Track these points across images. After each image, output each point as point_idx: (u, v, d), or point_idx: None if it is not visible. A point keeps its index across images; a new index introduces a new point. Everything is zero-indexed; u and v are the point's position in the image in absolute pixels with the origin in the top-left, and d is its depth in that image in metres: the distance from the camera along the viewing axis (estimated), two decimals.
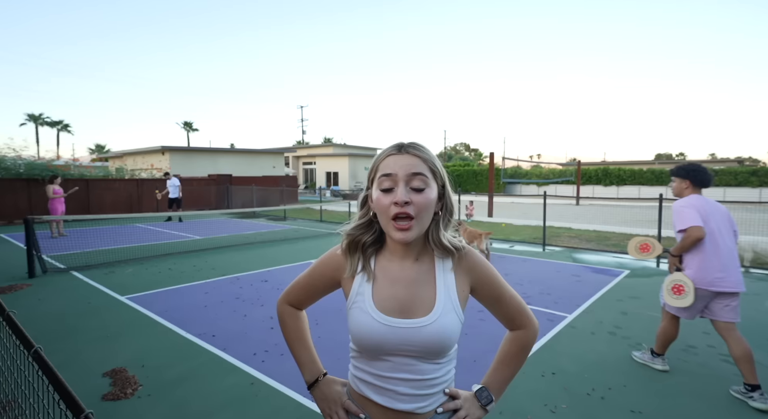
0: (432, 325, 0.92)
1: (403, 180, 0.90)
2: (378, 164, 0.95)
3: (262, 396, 2.84)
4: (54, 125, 49.70)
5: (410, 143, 0.95)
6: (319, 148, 40.85)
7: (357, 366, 1.02)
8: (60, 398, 1.05)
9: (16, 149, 15.07)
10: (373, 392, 0.97)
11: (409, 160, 0.91)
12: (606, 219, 13.91)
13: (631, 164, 34.54)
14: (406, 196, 0.89)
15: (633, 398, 2.81)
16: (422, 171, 0.91)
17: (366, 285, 0.98)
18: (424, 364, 0.94)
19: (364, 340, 0.95)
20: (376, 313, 0.94)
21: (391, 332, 0.92)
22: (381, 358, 0.95)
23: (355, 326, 0.97)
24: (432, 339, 0.92)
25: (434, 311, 0.94)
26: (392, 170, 0.91)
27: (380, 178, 0.92)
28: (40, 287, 5.55)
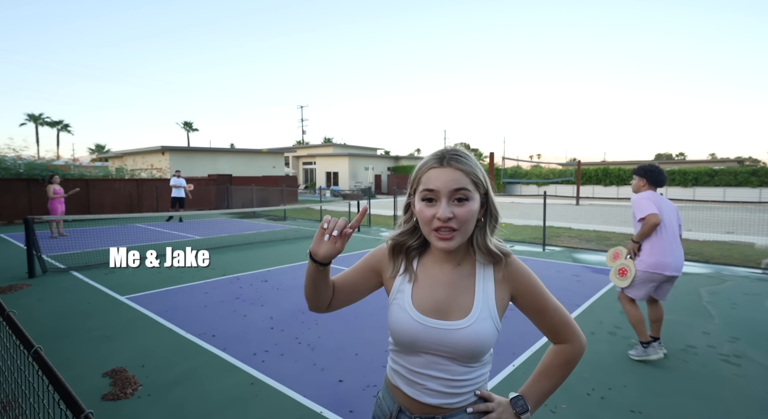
0: (466, 329, 0.94)
1: (445, 196, 0.92)
2: (420, 175, 0.96)
3: (262, 396, 2.84)
4: (54, 125, 49.69)
5: (452, 153, 0.95)
6: (319, 148, 40.84)
7: (393, 359, 1.05)
8: (60, 398, 1.05)
9: (16, 149, 15.08)
10: (405, 384, 1.01)
11: (452, 175, 0.92)
12: (606, 219, 13.91)
13: (631, 164, 34.52)
14: (449, 212, 0.91)
15: (633, 398, 2.81)
16: (464, 186, 0.92)
17: (407, 284, 1.02)
18: (455, 365, 0.96)
19: (399, 335, 0.99)
20: (414, 311, 0.98)
21: (426, 331, 0.95)
22: (415, 354, 0.98)
23: (392, 321, 1.00)
24: (465, 342, 0.94)
25: (470, 316, 0.95)
26: (434, 186, 0.92)
27: (423, 191, 0.94)
28: (40, 287, 5.56)
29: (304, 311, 4.56)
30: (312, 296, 1.09)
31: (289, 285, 5.61)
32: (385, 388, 1.10)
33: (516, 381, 3.04)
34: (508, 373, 3.15)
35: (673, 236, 3.30)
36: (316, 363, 3.30)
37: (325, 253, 0.99)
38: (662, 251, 3.26)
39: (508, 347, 3.61)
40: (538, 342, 3.74)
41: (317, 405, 2.71)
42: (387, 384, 1.09)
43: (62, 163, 18.17)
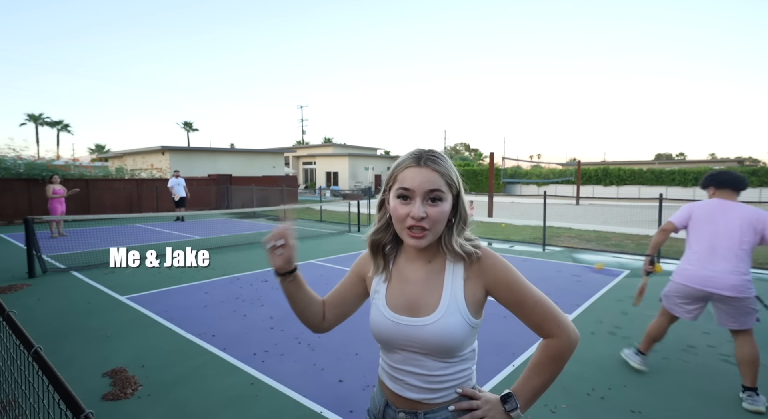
0: (433, 325, 0.96)
1: (420, 195, 0.94)
2: (397, 174, 0.98)
3: (262, 396, 2.84)
4: (54, 125, 49.68)
5: (429, 154, 0.97)
6: (319, 148, 40.85)
7: (381, 355, 1.10)
8: (60, 398, 1.06)
9: (16, 149, 15.07)
10: (389, 379, 1.06)
11: (428, 175, 0.94)
12: (606, 219, 13.92)
13: (631, 164, 34.54)
14: (422, 212, 0.93)
15: (633, 398, 2.81)
16: (439, 187, 0.94)
17: (382, 285, 1.07)
18: (430, 361, 0.98)
19: (376, 334, 1.04)
20: (387, 310, 1.02)
21: (397, 328, 0.99)
22: (393, 351, 1.03)
23: (371, 321, 1.06)
24: (433, 337, 0.95)
25: (437, 312, 0.97)
26: (410, 185, 0.94)
27: (398, 189, 0.96)
28: (40, 287, 5.56)
29: None
30: (300, 314, 1.16)
31: None
32: (378, 384, 1.14)
33: (516, 381, 3.03)
34: (509, 373, 3.15)
35: (714, 248, 2.78)
36: (316, 363, 3.30)
37: (277, 264, 1.08)
38: (689, 260, 2.92)
39: (507, 347, 3.61)
40: (538, 341, 3.73)
41: (317, 405, 2.71)
42: (379, 381, 1.14)
43: (62, 163, 18.17)
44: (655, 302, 4.86)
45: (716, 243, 2.79)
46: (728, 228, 2.77)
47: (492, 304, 3.57)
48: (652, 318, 4.35)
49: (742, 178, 2.92)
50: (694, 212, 2.95)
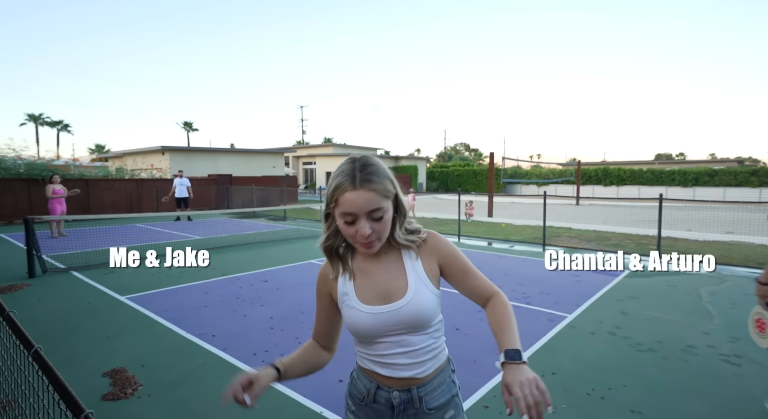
0: (409, 304, 1.06)
1: (363, 216, 1.00)
2: (337, 196, 1.01)
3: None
4: (54, 125, 49.66)
5: (363, 174, 1.00)
6: (319, 148, 40.85)
7: (360, 350, 1.17)
8: (60, 398, 1.06)
9: (16, 149, 15.07)
10: (378, 366, 1.12)
11: (365, 196, 0.99)
12: (606, 219, 13.92)
13: (631, 164, 34.54)
14: (368, 229, 1.01)
15: (633, 398, 2.81)
16: (378, 205, 1.01)
17: (348, 284, 1.12)
18: (413, 337, 1.08)
19: (358, 331, 1.10)
20: (361, 305, 1.09)
21: (376, 318, 1.07)
22: (376, 342, 1.09)
23: (348, 321, 1.12)
24: (412, 315, 1.06)
25: (408, 292, 1.07)
26: (352, 209, 1.00)
27: (342, 213, 1.01)
28: (40, 287, 5.56)
29: (304, 311, 4.56)
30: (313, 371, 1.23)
31: (289, 285, 5.61)
32: (359, 370, 1.20)
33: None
34: None
35: None
36: None
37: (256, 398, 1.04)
38: None
39: None
40: (538, 341, 3.74)
41: (317, 404, 2.71)
42: (360, 369, 1.20)
43: (62, 163, 18.17)
44: (653, 302, 4.87)
45: None
46: None
47: None
48: (652, 318, 4.39)
49: None
50: None
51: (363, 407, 1.16)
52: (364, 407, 1.16)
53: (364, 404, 1.15)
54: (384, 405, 1.12)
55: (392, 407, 1.11)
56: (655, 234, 7.44)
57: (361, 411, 1.17)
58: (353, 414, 1.20)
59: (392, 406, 1.11)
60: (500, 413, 2.61)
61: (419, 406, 1.10)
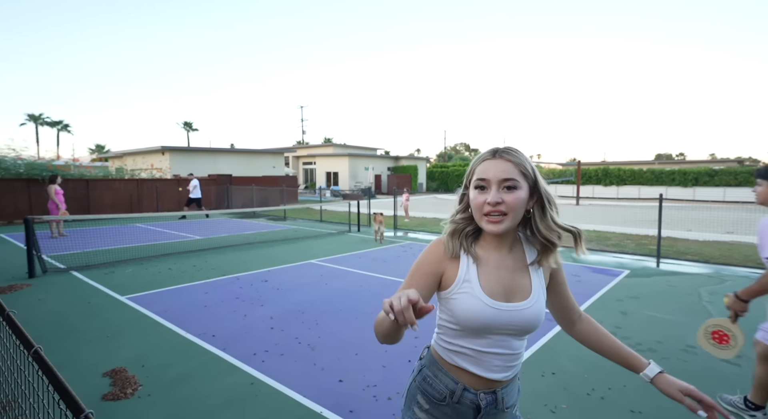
0: (532, 308, 1.07)
1: (495, 184, 1.03)
2: (475, 167, 1.08)
3: (262, 396, 2.84)
4: (54, 125, 49.67)
5: (504, 148, 1.08)
6: (319, 148, 40.83)
7: (453, 342, 1.11)
8: (60, 398, 1.06)
9: (17, 149, 15.06)
10: (469, 363, 1.09)
11: (502, 165, 1.04)
12: (606, 219, 13.91)
13: (631, 164, 34.54)
14: (498, 197, 1.02)
15: (633, 398, 2.81)
16: (513, 176, 1.03)
17: (472, 272, 1.08)
18: (515, 341, 1.09)
19: (472, 321, 1.05)
20: (486, 298, 1.05)
21: (498, 314, 1.05)
22: (482, 336, 1.07)
23: (463, 310, 1.05)
24: (531, 319, 1.07)
25: (533, 296, 1.08)
26: (486, 175, 1.04)
27: (476, 180, 1.06)
28: (40, 287, 5.55)
29: (304, 311, 4.56)
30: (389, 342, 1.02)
31: (289, 285, 5.61)
32: (438, 368, 1.14)
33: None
34: None
35: None
36: (316, 363, 3.30)
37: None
38: None
39: None
40: (538, 341, 3.74)
41: (317, 405, 2.71)
42: (443, 365, 1.14)
43: (62, 163, 18.16)
44: (653, 302, 4.87)
45: None
46: None
47: None
48: (652, 317, 4.38)
49: None
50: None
51: (441, 406, 1.12)
52: (443, 406, 1.11)
53: (445, 404, 1.11)
54: (468, 407, 1.10)
55: (477, 408, 1.10)
56: (655, 234, 7.44)
57: (437, 410, 1.12)
58: (426, 412, 1.13)
59: (477, 407, 1.10)
60: None
61: (500, 406, 1.12)
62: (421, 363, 1.19)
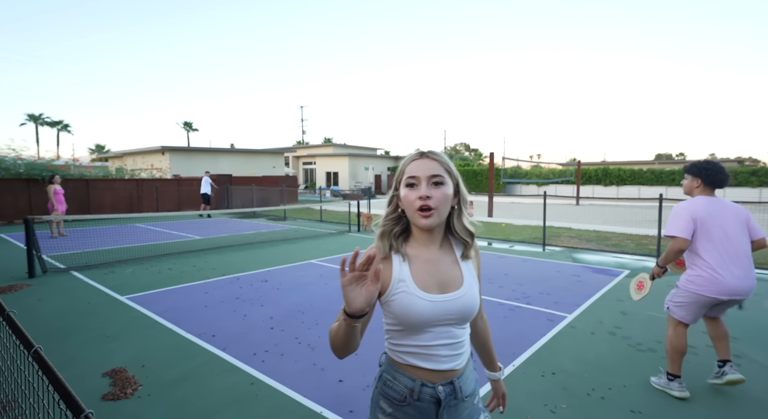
0: (466, 295, 1.14)
1: (425, 180, 1.11)
2: (404, 168, 1.16)
3: (262, 396, 2.84)
4: (54, 125, 49.66)
5: (429, 150, 1.17)
6: (319, 148, 40.83)
7: (401, 343, 1.15)
8: (60, 398, 1.06)
9: (17, 149, 15.06)
10: (420, 359, 1.13)
11: (429, 164, 1.13)
12: (606, 219, 13.92)
13: (631, 164, 34.54)
14: (428, 191, 1.10)
15: (633, 398, 2.82)
16: (440, 173, 1.13)
17: (404, 271, 1.13)
18: (456, 329, 1.15)
19: (413, 318, 1.10)
20: (421, 293, 1.11)
21: (435, 306, 1.11)
22: (425, 331, 1.12)
23: (403, 308, 1.10)
24: (466, 306, 1.14)
25: (465, 285, 1.16)
26: (416, 172, 1.12)
27: (407, 179, 1.13)
28: (40, 287, 5.56)
29: (304, 311, 4.56)
30: (348, 350, 1.10)
31: (289, 285, 5.62)
32: (395, 370, 1.17)
33: (516, 381, 3.04)
34: (509, 373, 3.15)
35: (727, 252, 2.68)
36: (316, 363, 3.30)
37: (358, 304, 0.98)
38: (711, 270, 2.69)
39: (508, 347, 3.61)
40: (538, 341, 3.74)
41: (317, 405, 2.71)
42: (397, 366, 1.17)
43: (62, 163, 18.15)
44: (653, 302, 4.87)
45: (729, 249, 2.69)
46: (733, 231, 2.72)
47: (492, 304, 3.65)
48: (652, 317, 4.38)
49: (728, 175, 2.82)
50: (698, 217, 2.72)
51: (403, 407, 1.14)
52: (405, 407, 1.14)
53: (406, 404, 1.13)
54: (428, 402, 1.13)
55: (437, 402, 1.13)
56: (655, 234, 7.44)
57: (400, 412, 1.14)
58: (389, 416, 1.16)
59: (437, 401, 1.13)
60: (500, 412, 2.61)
61: (459, 396, 1.16)
62: (381, 369, 1.22)
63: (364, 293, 0.98)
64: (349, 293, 0.97)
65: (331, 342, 1.10)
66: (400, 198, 1.16)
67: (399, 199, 1.16)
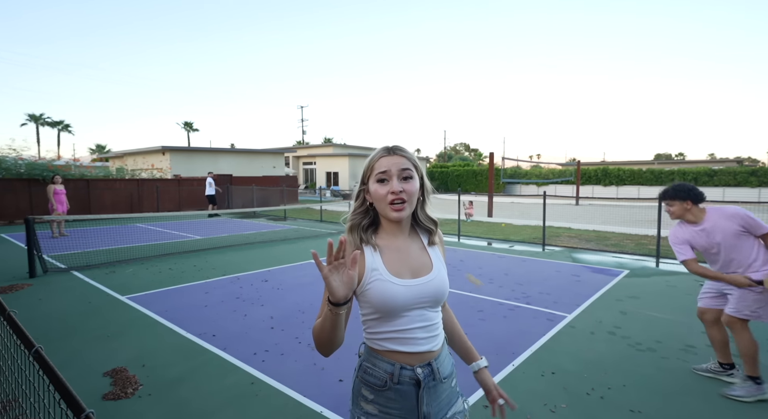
0: (436, 279, 1.20)
1: (395, 175, 1.16)
2: (373, 164, 1.20)
3: (262, 395, 2.84)
4: (55, 125, 49.65)
5: (395, 146, 1.22)
6: (319, 148, 40.82)
7: (379, 330, 1.19)
8: (60, 397, 1.06)
9: (17, 150, 15.07)
10: (398, 344, 1.18)
11: (398, 159, 1.18)
12: (606, 219, 13.91)
13: (630, 164, 34.53)
14: (399, 186, 1.15)
15: (633, 398, 2.82)
16: (408, 167, 1.19)
17: (377, 260, 1.18)
18: (430, 312, 1.21)
19: (389, 303, 1.14)
20: (395, 279, 1.16)
21: (409, 290, 1.16)
22: (400, 315, 1.16)
23: (379, 295, 1.14)
24: (438, 288, 1.20)
25: (435, 269, 1.22)
26: (386, 168, 1.17)
27: (377, 174, 1.18)
28: (40, 287, 5.56)
29: (304, 310, 4.56)
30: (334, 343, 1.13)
31: (289, 285, 5.62)
32: (374, 357, 1.21)
33: (516, 380, 3.04)
34: (508, 373, 3.15)
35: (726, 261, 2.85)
36: (316, 362, 3.31)
37: (341, 292, 1.02)
38: None
39: (507, 346, 3.61)
40: (538, 341, 3.74)
41: (317, 404, 2.72)
42: (376, 353, 1.21)
43: (63, 163, 18.15)
44: (653, 302, 4.87)
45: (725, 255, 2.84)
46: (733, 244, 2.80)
47: (492, 304, 3.65)
48: (651, 317, 4.39)
49: None
50: (694, 243, 2.89)
51: (384, 392, 1.17)
52: (386, 391, 1.17)
53: (387, 388, 1.17)
54: (408, 384, 1.17)
55: (417, 384, 1.17)
56: (654, 234, 7.44)
57: (381, 397, 1.18)
58: (372, 403, 1.19)
59: (417, 383, 1.17)
60: None
61: (438, 377, 1.20)
62: (360, 359, 1.26)
63: (345, 279, 1.02)
64: (332, 282, 1.00)
65: (316, 340, 1.14)
66: (368, 192, 1.21)
67: (367, 193, 1.22)
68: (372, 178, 1.19)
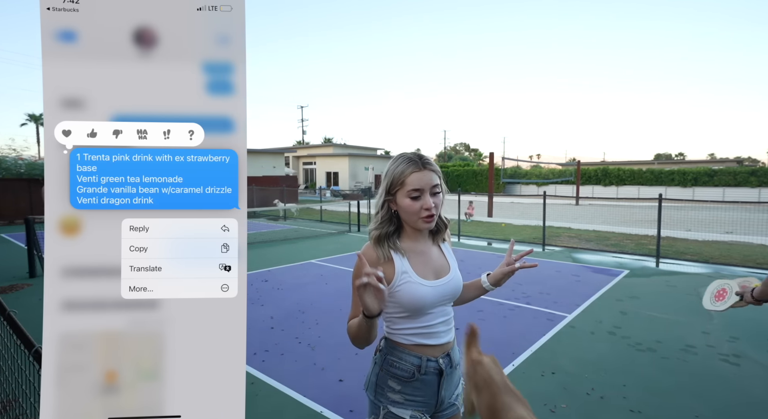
0: (455, 278, 1.33)
1: (428, 191, 1.24)
2: (404, 179, 1.24)
3: (262, 396, 2.84)
4: None
5: (425, 159, 1.27)
6: (319, 148, 40.85)
7: (405, 327, 1.28)
8: None
9: (17, 150, 15.10)
10: (425, 338, 1.28)
11: (429, 175, 1.24)
12: (606, 219, 13.92)
13: (630, 164, 34.55)
14: (431, 202, 1.23)
15: (633, 398, 2.82)
16: (438, 183, 1.26)
17: (406, 264, 1.27)
18: (448, 307, 1.34)
19: (418, 303, 1.24)
20: (425, 281, 1.27)
21: (436, 291, 1.27)
22: (427, 312, 1.27)
23: (409, 296, 1.24)
24: (457, 287, 1.33)
25: (452, 269, 1.34)
26: (419, 185, 1.23)
27: (410, 191, 1.23)
28: (40, 287, 5.53)
29: (304, 311, 4.56)
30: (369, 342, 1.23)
31: (289, 285, 5.62)
32: (400, 351, 1.29)
33: (516, 380, 3.04)
34: (508, 373, 3.15)
35: None
36: (316, 362, 3.31)
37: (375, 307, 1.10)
38: None
39: (508, 347, 3.61)
40: (538, 341, 3.74)
41: (317, 404, 2.72)
42: (401, 348, 1.29)
43: None
44: (653, 302, 4.87)
45: None
46: None
47: (492, 304, 3.67)
48: (651, 317, 4.39)
49: None
50: None
51: (411, 383, 1.27)
52: (413, 382, 1.27)
53: (414, 379, 1.26)
54: (432, 374, 1.28)
55: (440, 373, 1.28)
56: (654, 234, 7.45)
57: (408, 387, 1.27)
58: (398, 393, 1.28)
59: (440, 372, 1.28)
60: None
61: (455, 364, 1.33)
62: (383, 353, 1.32)
63: (379, 296, 1.08)
64: (366, 300, 1.07)
65: (352, 337, 1.24)
66: (394, 203, 1.27)
67: (393, 203, 1.27)
68: (402, 192, 1.24)
